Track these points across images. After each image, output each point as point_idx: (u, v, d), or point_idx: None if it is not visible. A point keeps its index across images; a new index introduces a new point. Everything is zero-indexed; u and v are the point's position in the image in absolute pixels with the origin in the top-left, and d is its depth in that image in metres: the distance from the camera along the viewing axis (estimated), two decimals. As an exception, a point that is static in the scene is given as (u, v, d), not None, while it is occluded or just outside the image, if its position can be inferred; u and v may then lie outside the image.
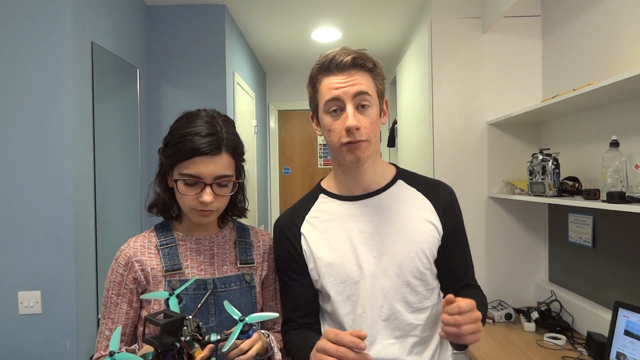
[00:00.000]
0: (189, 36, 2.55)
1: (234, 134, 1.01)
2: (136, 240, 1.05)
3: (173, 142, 0.96)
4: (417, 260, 1.00)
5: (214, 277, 1.02)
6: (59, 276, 1.73)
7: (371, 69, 0.99)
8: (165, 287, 0.99)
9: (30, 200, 1.72)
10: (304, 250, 1.04)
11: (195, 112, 1.02)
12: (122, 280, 1.01)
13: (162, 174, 1.03)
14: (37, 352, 1.72)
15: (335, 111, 0.97)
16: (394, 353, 0.99)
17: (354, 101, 0.95)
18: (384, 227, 1.02)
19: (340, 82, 0.96)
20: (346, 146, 0.97)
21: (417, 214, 1.04)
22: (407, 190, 1.07)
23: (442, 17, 2.32)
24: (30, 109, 1.72)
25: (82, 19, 1.85)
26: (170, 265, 1.00)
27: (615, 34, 1.65)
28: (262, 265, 1.10)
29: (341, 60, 0.96)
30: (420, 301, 1.02)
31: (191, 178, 0.94)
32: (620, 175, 1.48)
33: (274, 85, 4.28)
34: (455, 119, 2.31)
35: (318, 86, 1.00)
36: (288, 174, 4.36)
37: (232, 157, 0.98)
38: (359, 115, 0.96)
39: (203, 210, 0.97)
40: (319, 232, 1.04)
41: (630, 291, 1.63)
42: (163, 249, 1.02)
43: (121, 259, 1.02)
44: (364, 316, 0.99)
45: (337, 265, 1.01)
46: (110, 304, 1.01)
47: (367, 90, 0.96)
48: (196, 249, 1.04)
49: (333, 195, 1.08)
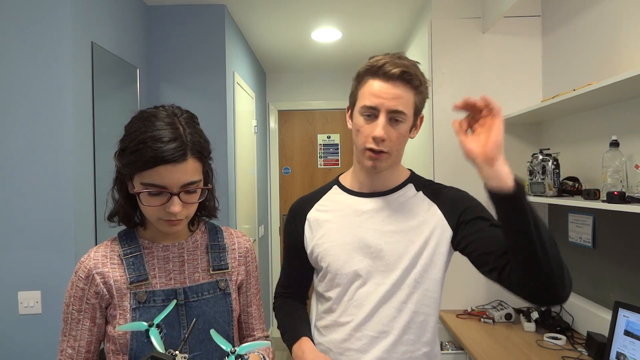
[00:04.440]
0: (189, 36, 2.55)
1: (199, 134, 0.91)
2: (97, 250, 0.96)
3: (131, 149, 0.85)
4: (417, 264, 1.02)
5: (184, 286, 0.94)
6: (59, 276, 1.73)
7: (416, 87, 1.00)
8: (131, 300, 0.90)
9: (30, 200, 1.72)
10: (306, 236, 1.12)
11: (153, 111, 0.90)
12: (83, 295, 0.92)
13: (120, 180, 0.94)
14: (37, 352, 1.72)
15: (369, 116, 1.00)
16: (375, 348, 1.01)
17: (388, 114, 0.98)
18: (384, 225, 1.05)
19: (382, 91, 0.97)
20: (368, 152, 1.00)
21: (420, 217, 1.05)
22: (415, 193, 1.09)
23: (442, 17, 2.32)
24: (30, 109, 1.72)
25: (82, 19, 1.85)
26: (136, 276, 0.92)
27: (615, 34, 1.65)
28: (238, 269, 1.03)
29: (389, 71, 0.97)
30: (414, 304, 1.02)
31: (156, 188, 0.85)
32: (620, 175, 1.48)
33: (274, 85, 4.28)
34: (455, 119, 2.30)
35: (361, 85, 1.02)
36: (288, 174, 4.36)
37: (198, 160, 0.88)
38: (389, 127, 0.98)
39: (171, 220, 0.88)
40: (322, 220, 1.10)
41: (630, 291, 1.63)
42: (127, 259, 0.93)
43: (81, 272, 0.93)
44: (351, 304, 1.04)
45: (333, 253, 1.06)
46: (72, 320, 0.93)
47: (403, 110, 0.98)
48: (164, 257, 0.96)
49: (345, 189, 1.13)
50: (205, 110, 2.51)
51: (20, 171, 1.72)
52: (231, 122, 2.66)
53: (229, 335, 0.98)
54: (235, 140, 2.74)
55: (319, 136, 4.33)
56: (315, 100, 4.24)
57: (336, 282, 1.06)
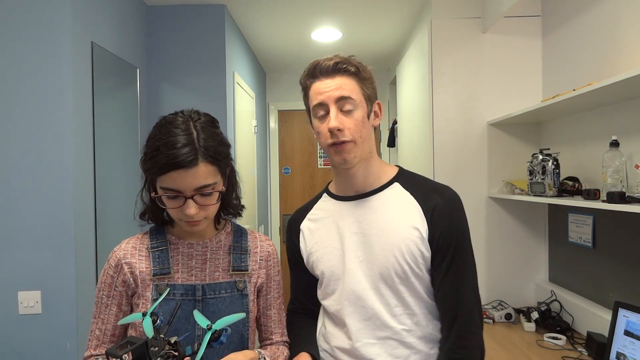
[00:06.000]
0: (189, 36, 2.55)
1: (214, 138, 0.94)
2: (128, 242, 1.03)
3: (149, 155, 0.91)
4: (396, 264, 1.00)
5: (203, 283, 0.99)
6: (59, 276, 1.73)
7: (355, 73, 1.01)
8: (152, 291, 0.97)
9: (30, 200, 1.72)
10: (301, 246, 1.14)
11: (171, 118, 0.95)
12: (112, 282, 1.00)
13: (148, 182, 1.00)
14: (37, 352, 1.72)
15: (322, 116, 1.01)
16: (372, 353, 1.00)
17: (337, 105, 0.99)
18: (369, 229, 1.04)
19: (324, 87, 1.00)
20: (332, 148, 1.01)
21: (401, 217, 1.02)
22: (401, 193, 1.06)
23: (442, 17, 2.32)
24: (30, 109, 1.72)
25: (82, 19, 1.85)
26: (159, 268, 0.98)
27: (615, 34, 1.65)
28: (259, 272, 1.06)
29: (324, 65, 1.00)
30: (406, 307, 1.01)
31: (172, 192, 0.90)
32: (620, 175, 1.48)
33: (274, 85, 4.28)
34: (455, 119, 2.31)
35: (308, 92, 1.05)
36: (288, 174, 4.36)
37: (212, 164, 0.91)
38: (343, 117, 0.99)
39: (189, 221, 0.94)
40: (314, 229, 1.12)
41: (630, 291, 1.63)
42: (154, 252, 1.00)
43: (112, 260, 1.01)
44: (343, 312, 1.03)
45: (324, 261, 1.07)
46: (101, 304, 1.01)
47: (349, 95, 0.99)
48: (188, 254, 1.02)
49: (332, 195, 1.14)
50: (205, 110, 2.45)
51: (21, 171, 1.72)
52: (231, 122, 2.66)
53: (243, 335, 1.01)
54: (235, 140, 2.74)
55: (319, 136, 4.33)
56: (315, 100, 4.23)
57: (330, 288, 1.07)
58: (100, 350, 1.01)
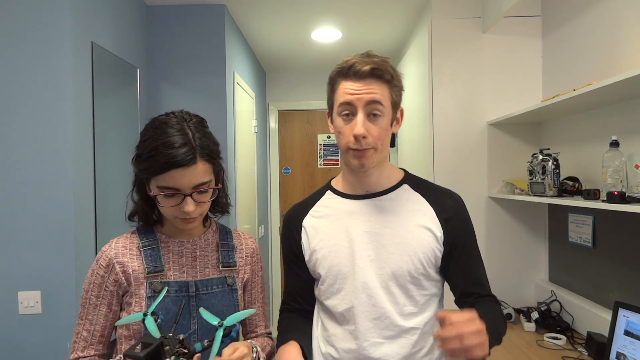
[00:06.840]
0: (189, 36, 2.55)
1: (207, 137, 0.98)
2: (118, 241, 1.04)
3: (146, 155, 0.93)
4: (411, 264, 1.01)
5: (195, 280, 1.02)
6: (59, 276, 1.73)
7: (388, 81, 1.00)
8: (146, 289, 0.98)
9: (30, 200, 1.72)
10: (303, 243, 1.11)
11: (164, 119, 0.97)
12: (103, 282, 1.01)
13: (139, 182, 1.02)
14: (37, 352, 1.72)
15: (347, 115, 0.99)
16: (380, 352, 1.00)
17: (365, 109, 0.97)
18: (381, 228, 1.03)
19: (355, 89, 0.98)
20: (353, 152, 1.00)
21: (415, 218, 1.04)
22: (411, 194, 1.08)
23: (442, 17, 2.32)
24: (30, 109, 1.72)
25: (82, 19, 1.85)
26: (152, 267, 1.00)
27: (615, 34, 1.65)
28: (245, 268, 1.11)
29: (359, 69, 0.97)
30: (414, 305, 1.02)
31: (170, 190, 0.93)
32: (620, 175, 1.48)
33: (274, 85, 4.28)
34: (455, 119, 2.31)
35: (335, 88, 1.02)
36: (288, 174, 4.36)
37: (208, 162, 0.96)
38: (369, 123, 0.98)
39: (186, 218, 0.97)
40: (319, 226, 1.09)
41: (630, 291, 1.63)
42: (145, 250, 1.02)
43: (102, 260, 1.01)
44: (352, 311, 1.02)
45: (330, 258, 1.05)
46: (89, 305, 1.01)
47: (380, 100, 0.98)
48: (178, 252, 1.04)
49: (338, 193, 1.12)
50: (205, 110, 2.48)
51: (21, 171, 1.72)
52: (231, 122, 2.66)
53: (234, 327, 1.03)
54: (235, 140, 2.74)
55: (319, 136, 4.33)
56: (315, 100, 4.23)
57: (336, 287, 1.05)
58: (88, 352, 1.00)
